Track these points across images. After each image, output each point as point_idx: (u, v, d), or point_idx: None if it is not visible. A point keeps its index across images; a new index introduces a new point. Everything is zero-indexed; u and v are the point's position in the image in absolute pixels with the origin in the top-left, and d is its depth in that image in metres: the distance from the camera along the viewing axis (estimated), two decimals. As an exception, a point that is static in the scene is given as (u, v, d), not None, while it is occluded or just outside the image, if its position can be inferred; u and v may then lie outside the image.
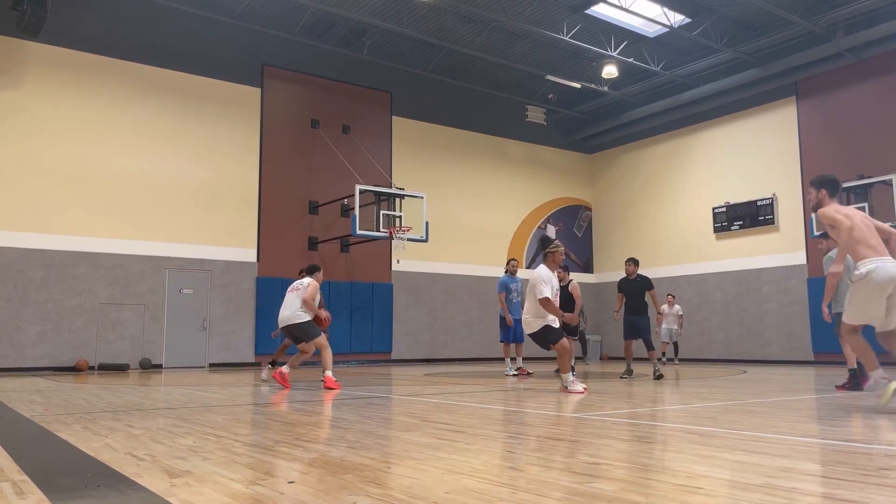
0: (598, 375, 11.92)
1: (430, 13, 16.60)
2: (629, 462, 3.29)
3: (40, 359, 13.92)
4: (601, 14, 16.48)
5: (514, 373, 11.63)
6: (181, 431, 4.49)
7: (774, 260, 17.88)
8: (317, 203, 17.58)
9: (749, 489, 2.63)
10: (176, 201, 15.68)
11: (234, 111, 16.69)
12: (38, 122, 14.38)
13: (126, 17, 15.54)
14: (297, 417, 5.29)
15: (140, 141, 15.42)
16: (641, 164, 21.61)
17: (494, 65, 19.56)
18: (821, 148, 17.20)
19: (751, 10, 16.16)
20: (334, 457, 3.45)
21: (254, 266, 16.58)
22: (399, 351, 18.44)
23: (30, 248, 14.03)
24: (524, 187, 21.56)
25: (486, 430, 4.57)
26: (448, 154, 20.08)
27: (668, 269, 20.13)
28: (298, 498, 2.54)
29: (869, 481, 2.77)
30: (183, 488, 2.72)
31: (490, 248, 20.47)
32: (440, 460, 3.36)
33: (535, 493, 2.64)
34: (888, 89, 16.08)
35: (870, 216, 11.55)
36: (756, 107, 18.57)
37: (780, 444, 3.83)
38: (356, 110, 18.56)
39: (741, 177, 18.77)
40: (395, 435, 4.41)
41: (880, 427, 4.59)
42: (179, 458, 3.45)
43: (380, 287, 18.21)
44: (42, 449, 4.04)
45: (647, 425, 4.77)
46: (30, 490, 2.73)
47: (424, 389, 8.52)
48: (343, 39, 17.72)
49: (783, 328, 17.43)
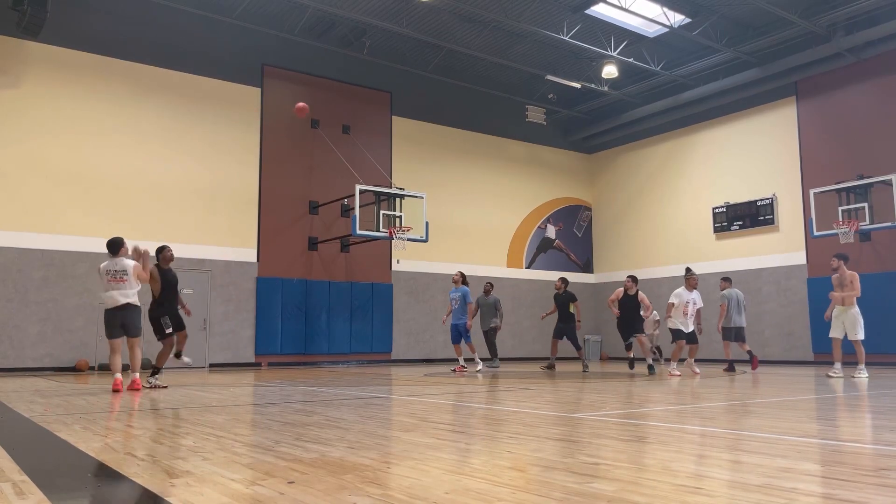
0: (598, 375, 11.92)
1: (430, 13, 16.60)
2: (629, 462, 3.29)
3: (40, 359, 13.92)
4: (601, 14, 16.48)
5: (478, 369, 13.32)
6: (181, 431, 4.49)
7: (774, 260, 17.88)
8: (317, 203, 17.58)
9: (749, 489, 2.63)
10: (176, 201, 15.68)
11: (234, 111, 16.69)
12: (38, 122, 14.38)
13: (126, 17, 15.54)
14: (297, 417, 5.29)
15: (140, 141, 15.42)
16: (641, 164, 21.61)
17: (494, 65, 19.56)
18: (821, 148, 17.20)
19: (751, 10, 16.16)
20: (334, 457, 3.45)
21: (254, 266, 16.58)
22: (399, 351, 18.44)
23: (30, 248, 14.03)
24: (524, 187, 21.56)
25: (486, 430, 4.57)
26: (448, 154, 20.08)
27: (668, 269, 20.11)
28: (298, 498, 2.54)
29: (869, 481, 2.77)
30: (183, 488, 2.72)
31: (490, 248, 20.48)
32: (440, 460, 3.36)
33: (535, 493, 2.64)
34: (888, 89, 16.08)
35: (869, 218, 12.97)
36: (756, 107, 18.57)
37: (780, 444, 3.83)
38: (356, 110, 18.56)
39: (741, 177, 18.77)
40: (395, 435, 4.41)
41: (880, 427, 4.59)
42: (179, 458, 3.45)
43: (380, 287, 18.21)
44: (42, 449, 4.04)
45: (647, 425, 4.77)
46: (30, 490, 2.73)
47: (424, 389, 8.52)
48: (343, 39, 17.72)
49: (783, 328, 17.43)
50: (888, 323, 15.41)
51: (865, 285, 15.74)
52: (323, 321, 17.21)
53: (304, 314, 16.97)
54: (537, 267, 21.44)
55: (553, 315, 13.94)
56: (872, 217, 15.54)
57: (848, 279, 10.70)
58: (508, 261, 20.93)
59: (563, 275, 16.84)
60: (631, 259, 21.39)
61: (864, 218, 15.64)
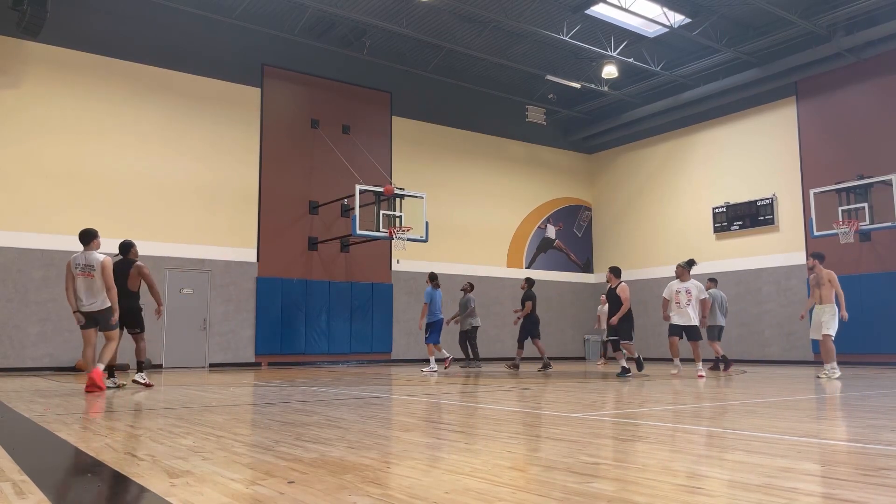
0: (598, 375, 11.93)
1: (430, 13, 16.60)
2: (629, 462, 3.29)
3: (40, 359, 13.92)
4: (601, 14, 16.48)
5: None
6: (181, 431, 4.49)
7: (774, 260, 17.88)
8: (317, 203, 17.58)
9: (749, 489, 2.63)
10: (176, 201, 15.68)
11: (234, 111, 16.68)
12: (38, 122, 14.38)
13: (126, 17, 15.54)
14: (297, 417, 5.29)
15: (140, 141, 15.42)
16: (641, 164, 21.61)
17: (494, 65, 19.56)
18: (821, 148, 17.20)
19: (751, 10, 16.16)
20: (334, 457, 3.45)
21: (254, 266, 16.58)
22: (399, 351, 18.44)
23: (30, 248, 14.03)
24: (524, 187, 21.56)
25: (486, 430, 4.57)
26: (448, 154, 20.08)
27: (667, 270, 20.07)
28: (298, 498, 2.54)
29: (869, 481, 2.78)
30: (183, 488, 2.72)
31: (490, 248, 20.48)
32: (440, 460, 3.36)
33: (535, 493, 2.64)
34: (888, 89, 16.08)
35: (869, 218, 12.90)
36: (756, 107, 18.57)
37: (780, 444, 3.83)
38: (356, 110, 18.56)
39: (741, 177, 18.76)
40: (395, 435, 4.41)
41: (880, 427, 4.59)
42: (179, 458, 3.45)
43: (380, 287, 18.21)
44: (42, 449, 4.04)
45: (647, 425, 4.77)
46: (30, 490, 2.73)
47: (424, 389, 8.52)
48: (343, 39, 17.72)
49: (783, 328, 17.43)
50: (888, 323, 15.42)
51: (865, 285, 15.81)
52: (323, 321, 17.21)
53: (304, 314, 16.98)
54: (537, 267, 21.44)
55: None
56: (872, 217, 15.54)
57: (825, 278, 10.45)
58: (508, 261, 20.93)
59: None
60: (631, 259, 21.38)
61: (864, 218, 15.64)
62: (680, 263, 11.50)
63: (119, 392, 8.11)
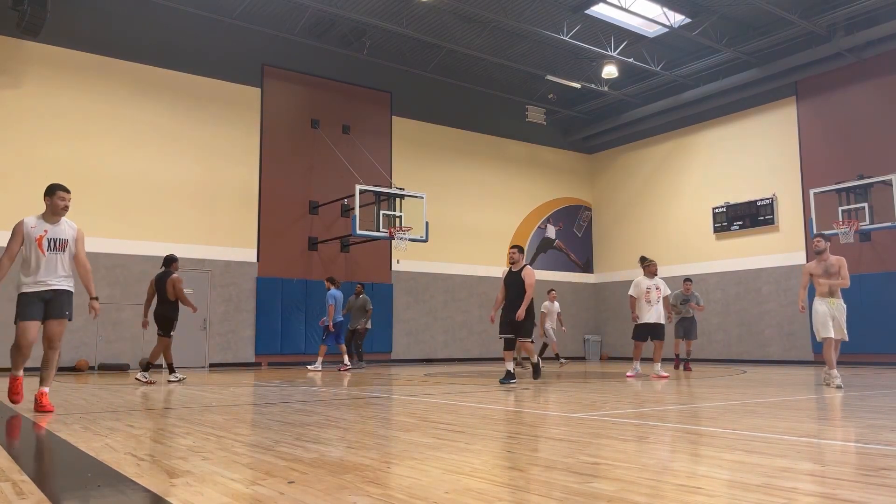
0: (598, 375, 11.92)
1: (430, 13, 16.60)
2: (629, 462, 3.29)
3: (40, 359, 13.86)
4: (601, 14, 16.48)
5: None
6: (181, 431, 4.49)
7: (774, 260, 17.88)
8: (317, 203, 17.57)
9: (749, 489, 2.63)
10: (176, 201, 15.68)
11: (234, 111, 16.68)
12: (38, 122, 14.38)
13: (126, 17, 15.54)
14: (297, 417, 5.29)
15: (140, 141, 15.41)
16: (641, 164, 21.61)
17: (494, 65, 19.56)
18: (821, 148, 17.20)
19: (751, 10, 16.16)
20: (334, 457, 3.45)
21: (254, 266, 16.58)
22: (399, 351, 18.44)
23: (30, 248, 14.00)
24: (524, 187, 21.56)
25: (486, 430, 4.57)
26: (448, 154, 20.08)
27: (667, 269, 20.06)
28: (298, 498, 2.54)
29: (869, 481, 2.78)
30: (183, 488, 2.72)
31: (490, 248, 20.47)
32: (440, 460, 3.36)
33: (535, 493, 2.64)
34: (888, 89, 16.08)
35: (869, 218, 12.27)
36: (756, 107, 18.57)
37: (780, 444, 3.83)
38: (356, 110, 18.56)
39: (741, 177, 18.76)
40: (395, 435, 4.41)
41: (880, 427, 4.59)
42: (179, 458, 3.45)
43: (380, 287, 18.20)
44: (42, 449, 4.04)
45: (647, 425, 4.77)
46: (30, 490, 2.73)
47: (424, 389, 8.52)
48: (343, 39, 17.72)
49: (783, 328, 17.43)
50: (888, 323, 15.42)
51: (865, 285, 15.81)
52: (323, 321, 17.18)
53: (304, 314, 16.97)
54: (537, 267, 21.41)
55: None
56: (872, 217, 15.55)
57: (835, 265, 8.71)
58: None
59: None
60: (631, 259, 21.34)
61: (864, 218, 15.65)
62: (646, 259, 10.96)
63: (121, 392, 8.11)
